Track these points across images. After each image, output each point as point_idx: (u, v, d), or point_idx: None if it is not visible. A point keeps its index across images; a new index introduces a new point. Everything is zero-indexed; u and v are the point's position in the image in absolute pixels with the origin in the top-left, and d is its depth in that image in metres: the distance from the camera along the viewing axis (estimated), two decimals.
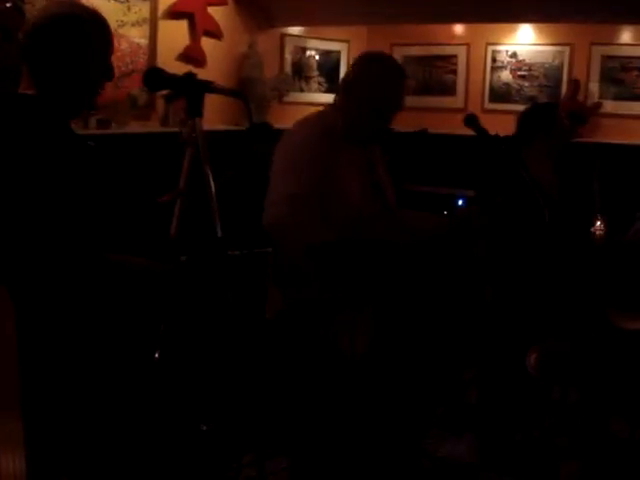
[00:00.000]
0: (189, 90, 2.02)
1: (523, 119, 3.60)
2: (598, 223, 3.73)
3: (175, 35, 4.54)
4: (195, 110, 2.03)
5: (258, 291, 2.94)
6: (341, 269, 2.48)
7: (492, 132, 3.16)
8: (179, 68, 4.02)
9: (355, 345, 2.47)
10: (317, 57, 5.46)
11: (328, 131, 2.70)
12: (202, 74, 2.18)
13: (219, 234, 1.98)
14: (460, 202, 4.68)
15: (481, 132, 2.99)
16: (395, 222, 2.83)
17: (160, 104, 4.47)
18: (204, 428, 2.08)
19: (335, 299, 2.55)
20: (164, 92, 4.11)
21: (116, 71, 3.97)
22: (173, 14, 4.48)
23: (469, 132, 3.15)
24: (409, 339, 2.70)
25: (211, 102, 2.36)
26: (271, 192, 2.60)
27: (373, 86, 2.74)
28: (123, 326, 1.90)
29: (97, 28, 1.99)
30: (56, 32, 1.92)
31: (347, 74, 2.91)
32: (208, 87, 2.04)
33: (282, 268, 2.65)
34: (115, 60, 2.10)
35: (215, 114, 4.30)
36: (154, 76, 2.08)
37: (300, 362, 2.61)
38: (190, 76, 2.10)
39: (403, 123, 5.61)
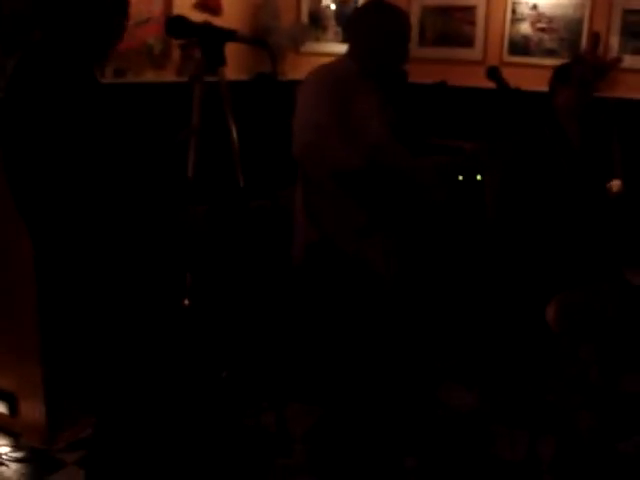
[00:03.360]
0: (213, 39, 2.00)
1: (553, 75, 3.58)
2: (615, 179, 3.72)
3: None
4: (218, 59, 2.02)
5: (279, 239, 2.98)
6: (368, 194, 2.59)
7: (511, 85, 3.13)
8: (195, 16, 3.96)
9: (390, 266, 2.59)
10: (334, 6, 5.38)
11: (345, 73, 2.80)
12: (218, 23, 2.15)
13: (241, 184, 1.98)
14: None
15: (503, 85, 2.96)
16: (409, 154, 2.89)
17: (176, 53, 4.43)
18: (224, 375, 2.10)
19: (364, 223, 2.65)
20: (180, 41, 4.08)
21: (131, 20, 3.97)
22: None
23: (488, 84, 3.13)
24: (430, 266, 2.79)
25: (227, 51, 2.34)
26: (297, 124, 2.66)
27: (377, 34, 2.78)
28: (146, 270, 1.91)
29: None
30: None
31: (351, 20, 2.95)
32: (233, 36, 2.03)
33: (313, 199, 2.71)
34: (130, 8, 2.08)
35: (230, 63, 4.26)
36: (178, 24, 2.07)
37: (337, 289, 2.68)
38: (211, 25, 2.08)
39: (421, 75, 5.61)
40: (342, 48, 5.38)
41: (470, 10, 5.46)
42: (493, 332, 3.52)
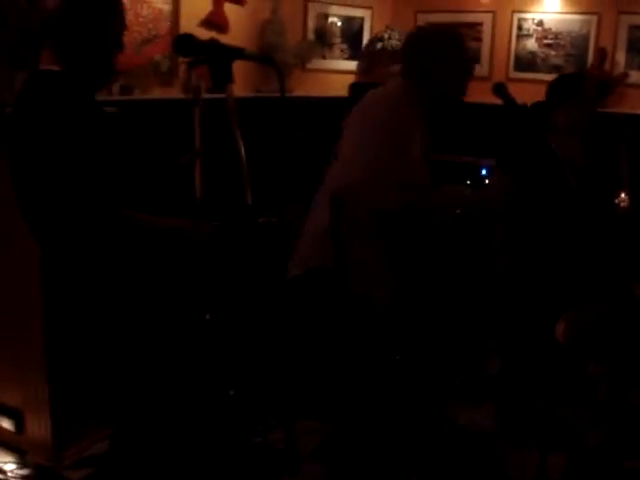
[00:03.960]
0: (220, 56, 2.01)
1: (551, 89, 3.56)
2: (623, 195, 3.70)
3: (198, 1, 4.51)
4: (226, 76, 2.03)
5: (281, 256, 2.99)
6: (404, 236, 2.62)
7: (518, 101, 3.14)
8: (202, 34, 3.98)
9: (390, 298, 2.64)
10: (340, 24, 5.40)
11: (399, 100, 2.79)
12: (224, 40, 2.17)
13: (249, 201, 1.98)
14: (484, 171, 4.65)
15: (509, 101, 2.96)
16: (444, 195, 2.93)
17: (182, 70, 4.45)
18: (232, 392, 2.10)
19: (388, 259, 2.68)
20: (187, 59, 4.10)
21: (138, 37, 3.99)
22: None
23: (494, 100, 3.13)
24: (435, 296, 2.79)
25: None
26: (346, 158, 2.68)
27: (441, 59, 2.79)
28: (154, 284, 1.92)
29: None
30: (78, 4, 1.99)
31: (411, 44, 2.92)
32: (240, 53, 2.03)
33: (341, 226, 2.72)
34: (137, 26, 2.15)
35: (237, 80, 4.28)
36: (185, 42, 2.07)
37: (337, 316, 2.70)
38: (218, 43, 2.09)
39: None
40: (348, 65, 5.46)
41: (476, 26, 5.48)
42: (503, 348, 3.50)
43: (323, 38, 5.33)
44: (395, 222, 2.59)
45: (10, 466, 3.04)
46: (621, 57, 5.02)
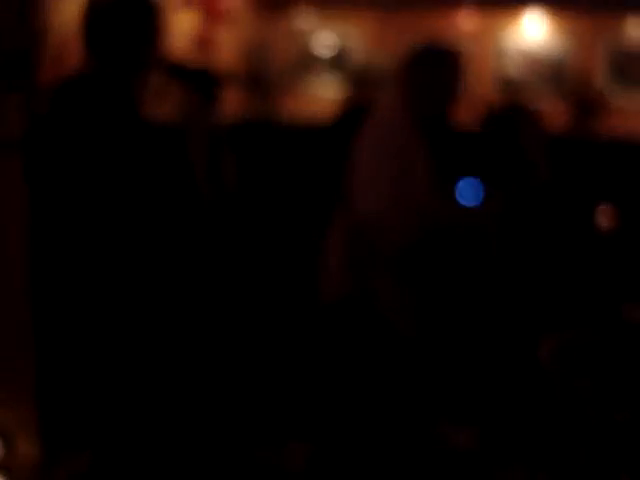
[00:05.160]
0: (210, 83, 2.05)
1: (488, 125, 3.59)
2: (605, 214, 3.75)
3: (186, 21, 4.55)
4: (214, 101, 2.06)
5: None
6: (425, 269, 2.71)
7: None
8: (192, 54, 4.03)
9: (415, 328, 2.71)
10: (326, 49, 5.46)
11: (400, 126, 2.80)
12: (213, 62, 2.20)
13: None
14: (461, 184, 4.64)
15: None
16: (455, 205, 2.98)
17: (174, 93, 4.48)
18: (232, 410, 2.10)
19: (410, 291, 2.74)
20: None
21: None
22: (186, 1, 4.49)
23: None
24: (454, 325, 2.84)
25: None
26: (361, 192, 2.70)
27: (433, 80, 2.81)
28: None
29: (151, 12, 2.03)
30: (117, 12, 1.98)
31: (405, 67, 2.95)
32: (229, 79, 2.07)
33: (363, 254, 2.75)
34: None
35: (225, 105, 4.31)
36: (177, 70, 2.12)
37: (363, 345, 2.75)
38: (208, 71, 2.14)
39: None
40: (334, 89, 5.50)
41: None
42: (490, 369, 3.51)
43: (310, 63, 5.38)
44: (416, 251, 2.65)
45: None
46: (602, 80, 5.10)
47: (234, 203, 2.06)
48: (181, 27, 4.51)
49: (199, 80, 2.10)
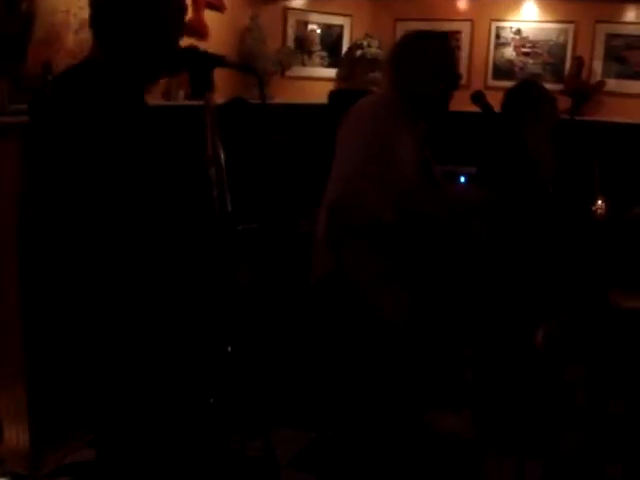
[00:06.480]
0: (201, 64, 2.00)
1: (509, 99, 3.58)
2: (599, 202, 3.74)
3: None
4: (206, 84, 2.02)
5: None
6: (398, 246, 2.63)
7: (496, 109, 3.16)
8: (181, 40, 3.98)
9: (399, 315, 2.65)
10: (319, 31, 5.42)
11: (387, 109, 2.78)
12: (204, 47, 2.15)
13: (229, 208, 1.98)
14: (462, 179, 4.67)
15: (487, 110, 2.99)
16: (442, 198, 2.92)
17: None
18: (211, 401, 2.09)
19: (388, 271, 2.68)
20: None
21: None
22: None
23: (471, 108, 3.15)
24: (441, 313, 2.82)
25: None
26: (337, 173, 2.67)
27: (423, 63, 2.77)
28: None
29: None
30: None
31: (396, 51, 2.90)
32: (220, 62, 2.03)
33: (339, 234, 2.72)
34: None
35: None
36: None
37: (342, 327, 2.73)
38: (199, 50, 2.08)
39: None
40: (327, 72, 5.46)
41: (454, 35, 5.52)
42: (482, 355, 3.52)
43: (303, 45, 5.34)
44: (394, 233, 2.61)
45: None
46: (598, 65, 5.07)
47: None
48: None
49: (191, 61, 2.06)
